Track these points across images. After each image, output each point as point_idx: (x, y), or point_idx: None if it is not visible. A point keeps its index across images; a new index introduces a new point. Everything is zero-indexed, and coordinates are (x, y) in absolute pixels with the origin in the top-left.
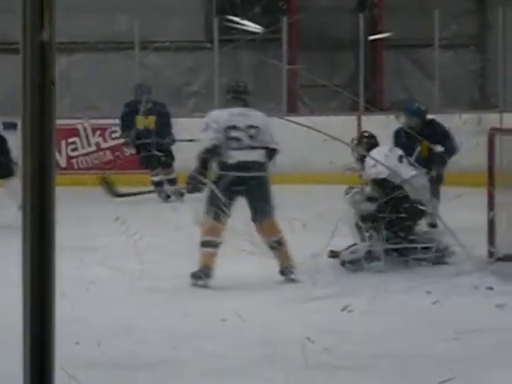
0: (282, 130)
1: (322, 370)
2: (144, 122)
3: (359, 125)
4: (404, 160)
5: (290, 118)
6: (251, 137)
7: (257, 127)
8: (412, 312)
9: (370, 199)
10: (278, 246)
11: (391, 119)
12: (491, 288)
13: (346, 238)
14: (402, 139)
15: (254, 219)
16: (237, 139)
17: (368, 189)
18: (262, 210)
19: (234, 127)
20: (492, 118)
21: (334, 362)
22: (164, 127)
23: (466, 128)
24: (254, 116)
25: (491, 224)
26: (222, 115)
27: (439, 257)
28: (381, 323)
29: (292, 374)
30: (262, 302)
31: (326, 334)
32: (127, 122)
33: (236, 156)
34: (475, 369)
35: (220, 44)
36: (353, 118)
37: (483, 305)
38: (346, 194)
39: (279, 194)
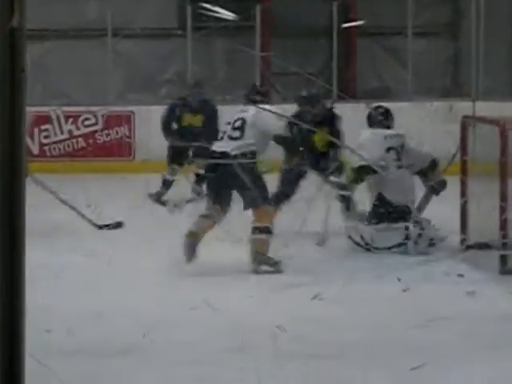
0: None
1: (293, 359)
2: (191, 119)
3: None
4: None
5: (262, 106)
6: (235, 128)
7: (242, 119)
8: (383, 300)
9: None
10: (256, 232)
11: (361, 107)
12: (462, 275)
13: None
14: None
15: (244, 207)
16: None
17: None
18: (250, 197)
19: (228, 123)
20: (464, 107)
21: (305, 351)
22: (211, 128)
23: (437, 116)
24: (247, 111)
25: (463, 212)
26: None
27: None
28: (352, 311)
29: (263, 362)
30: (233, 291)
31: (298, 322)
32: (169, 120)
33: (217, 146)
34: (446, 356)
35: (193, 31)
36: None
37: (454, 292)
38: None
39: None
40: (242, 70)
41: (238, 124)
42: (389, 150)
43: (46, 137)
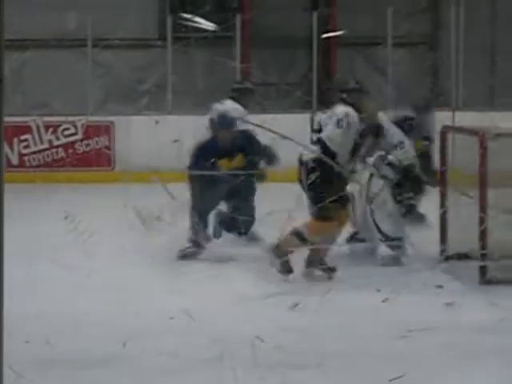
0: None
1: (272, 369)
2: (230, 164)
3: (312, 123)
4: None
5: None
6: None
7: None
8: (362, 310)
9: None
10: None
11: None
12: (441, 286)
13: None
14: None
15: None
16: None
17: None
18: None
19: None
20: (444, 117)
21: (284, 361)
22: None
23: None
24: None
25: (442, 223)
26: None
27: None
28: (331, 321)
29: (242, 372)
30: (212, 300)
31: (277, 332)
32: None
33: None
34: (424, 367)
35: (173, 42)
36: (305, 116)
37: (433, 303)
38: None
39: None
40: (221, 81)
41: None
42: None
43: (25, 147)
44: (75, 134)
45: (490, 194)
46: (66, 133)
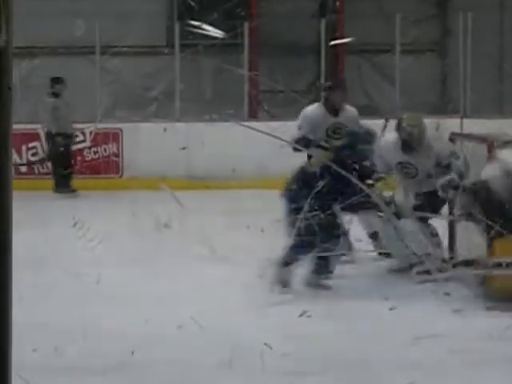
0: (241, 136)
1: (280, 376)
2: None
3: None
4: None
5: (249, 124)
6: None
7: None
8: (369, 317)
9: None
10: None
11: None
12: (448, 294)
13: None
14: None
15: None
16: None
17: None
18: None
19: None
20: (452, 123)
21: (292, 368)
22: None
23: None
24: None
25: (451, 230)
26: None
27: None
28: (339, 329)
29: (251, 380)
30: (220, 308)
31: (285, 339)
32: None
33: None
34: (433, 374)
35: (181, 49)
36: None
37: (441, 310)
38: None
39: (237, 198)
40: (229, 89)
41: None
42: None
43: (33, 154)
44: (83, 141)
45: None
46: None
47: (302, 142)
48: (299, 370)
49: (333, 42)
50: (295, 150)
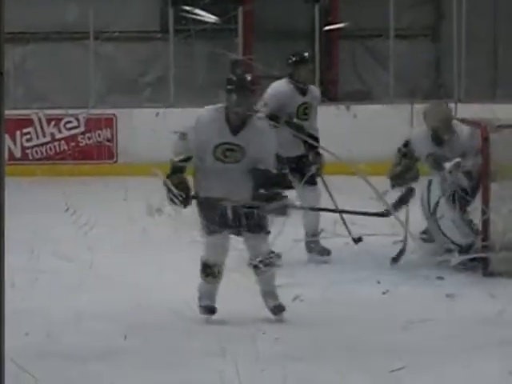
0: None
1: (273, 361)
2: None
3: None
4: None
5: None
6: None
7: None
8: (363, 302)
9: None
10: None
11: (341, 109)
12: (442, 278)
13: (295, 229)
14: None
15: None
16: None
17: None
18: None
19: None
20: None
21: (285, 353)
22: None
23: (418, 118)
24: None
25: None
26: None
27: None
28: (332, 313)
29: (243, 365)
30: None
31: (277, 324)
32: None
33: None
34: (426, 358)
35: (175, 34)
36: None
37: (434, 295)
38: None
39: None
40: (223, 73)
41: None
42: None
43: (28, 140)
44: (77, 126)
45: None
46: (69, 126)
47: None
48: (292, 355)
49: (327, 27)
50: None
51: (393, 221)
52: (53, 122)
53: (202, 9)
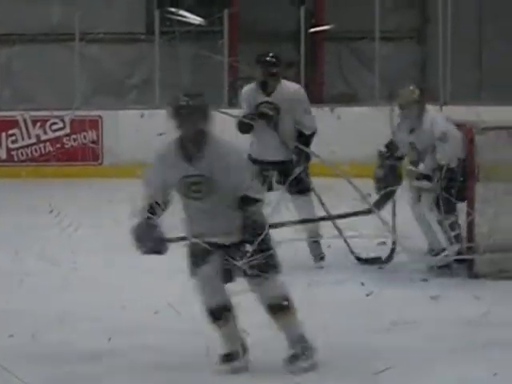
0: (219, 123)
1: (255, 363)
2: None
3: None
4: None
5: (226, 111)
6: None
7: None
8: (346, 303)
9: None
10: None
11: (326, 111)
12: (426, 280)
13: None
14: None
15: None
16: None
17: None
18: None
19: None
20: (431, 110)
21: (267, 354)
22: None
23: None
24: None
25: None
26: None
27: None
28: (315, 315)
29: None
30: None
31: (260, 326)
32: None
33: None
34: (409, 360)
35: (161, 36)
36: None
37: (418, 296)
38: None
39: None
40: (209, 75)
41: None
42: None
43: (13, 141)
44: (63, 128)
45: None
46: (54, 127)
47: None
48: (274, 357)
49: (312, 29)
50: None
51: (377, 222)
52: (38, 124)
53: (188, 10)
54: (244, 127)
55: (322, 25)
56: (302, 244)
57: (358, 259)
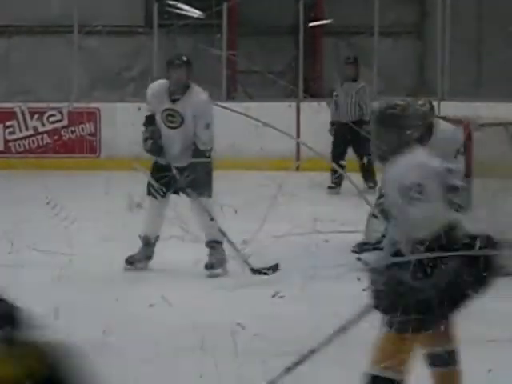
0: (216, 116)
1: (252, 356)
2: None
3: (298, 111)
4: None
5: (225, 104)
6: None
7: None
8: (342, 298)
9: None
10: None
11: (323, 106)
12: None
13: (277, 224)
14: None
15: None
16: None
17: None
18: None
19: None
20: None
21: (264, 349)
22: None
23: None
24: None
25: None
26: None
27: None
28: (311, 309)
29: (223, 360)
30: (192, 288)
31: (257, 320)
32: None
33: None
34: None
35: (159, 29)
36: (287, 105)
37: None
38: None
39: None
40: (207, 69)
41: None
42: None
43: (10, 133)
44: (61, 120)
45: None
46: (52, 119)
47: (149, 120)
48: (272, 351)
49: (311, 24)
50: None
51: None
52: (36, 116)
53: (186, 3)
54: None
55: (321, 19)
56: (298, 239)
57: (252, 269)
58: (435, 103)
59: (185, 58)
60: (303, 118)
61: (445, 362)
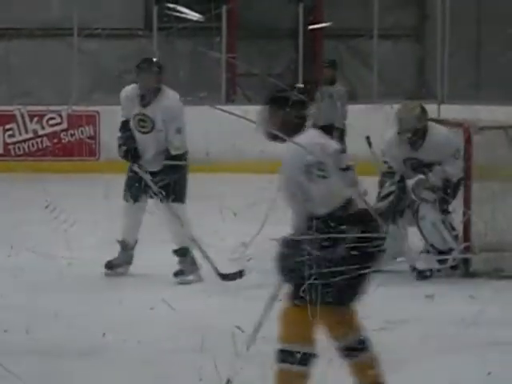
0: (216, 119)
1: (252, 359)
2: None
3: None
4: None
5: (224, 107)
6: None
7: None
8: None
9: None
10: None
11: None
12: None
13: (276, 227)
14: None
15: None
16: None
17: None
18: None
19: None
20: (429, 109)
21: (264, 351)
22: None
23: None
24: None
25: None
26: None
27: None
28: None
29: (223, 362)
30: (193, 291)
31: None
32: None
33: None
34: (403, 358)
35: (159, 32)
36: None
37: (413, 295)
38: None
39: (210, 182)
40: (207, 72)
41: None
42: None
43: (10, 136)
44: (60, 123)
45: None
46: (51, 122)
47: (124, 126)
48: (271, 353)
49: (311, 27)
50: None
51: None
52: (35, 119)
53: (186, 6)
54: (123, 154)
55: (321, 22)
56: None
57: (220, 275)
58: (435, 106)
59: (154, 62)
60: None
61: (358, 350)
